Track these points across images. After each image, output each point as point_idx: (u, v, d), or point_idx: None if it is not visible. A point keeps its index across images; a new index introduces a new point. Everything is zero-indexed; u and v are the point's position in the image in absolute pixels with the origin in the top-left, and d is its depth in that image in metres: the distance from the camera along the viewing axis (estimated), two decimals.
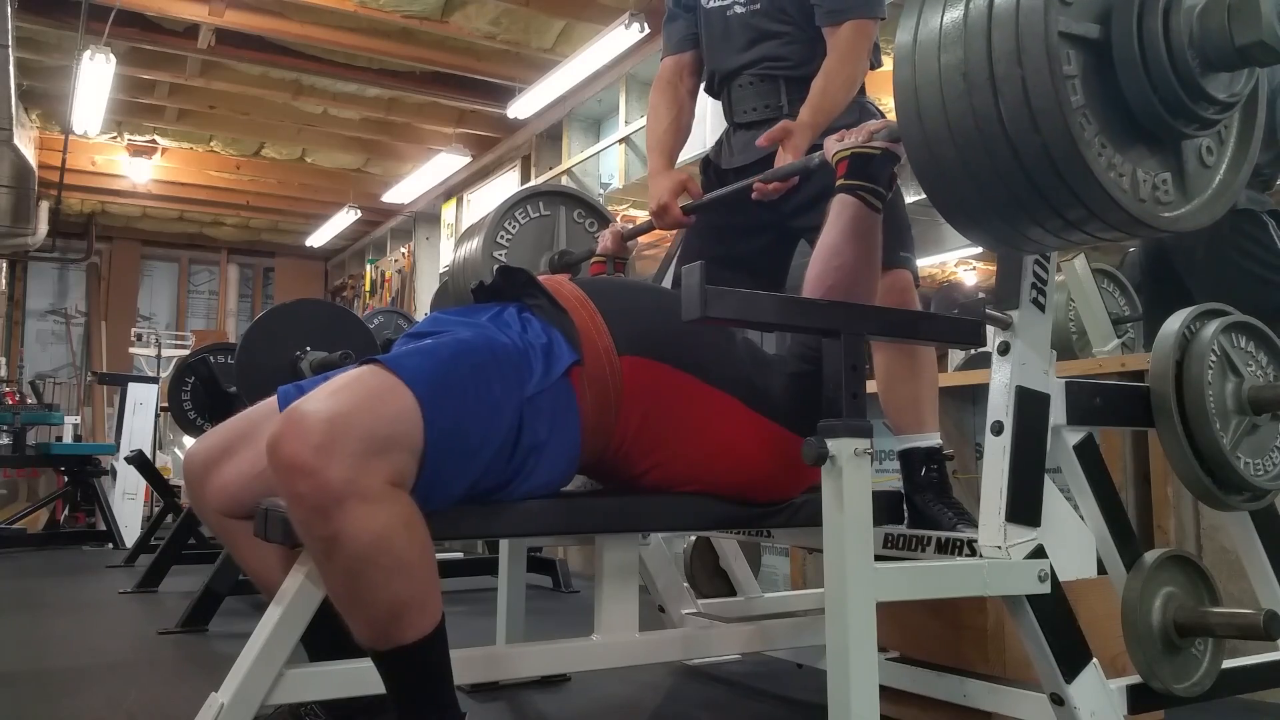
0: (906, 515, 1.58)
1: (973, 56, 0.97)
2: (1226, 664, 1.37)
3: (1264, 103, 1.13)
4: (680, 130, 1.98)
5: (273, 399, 1.29)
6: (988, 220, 1.07)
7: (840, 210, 1.35)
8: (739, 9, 1.84)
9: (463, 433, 1.14)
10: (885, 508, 1.51)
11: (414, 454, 1.09)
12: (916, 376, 1.65)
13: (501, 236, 2.15)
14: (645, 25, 4.97)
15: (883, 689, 1.11)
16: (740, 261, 1.82)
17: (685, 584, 2.06)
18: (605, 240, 1.97)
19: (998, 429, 1.29)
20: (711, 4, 1.88)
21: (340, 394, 1.07)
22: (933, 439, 1.64)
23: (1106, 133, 0.98)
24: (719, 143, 1.94)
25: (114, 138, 7.69)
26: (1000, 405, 1.29)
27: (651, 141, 1.97)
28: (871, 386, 2.27)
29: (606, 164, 6.34)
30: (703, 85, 1.98)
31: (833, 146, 1.38)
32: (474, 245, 2.14)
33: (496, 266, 1.76)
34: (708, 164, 1.94)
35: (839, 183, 1.36)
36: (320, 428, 1.02)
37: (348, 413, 1.04)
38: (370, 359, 1.15)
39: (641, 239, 2.01)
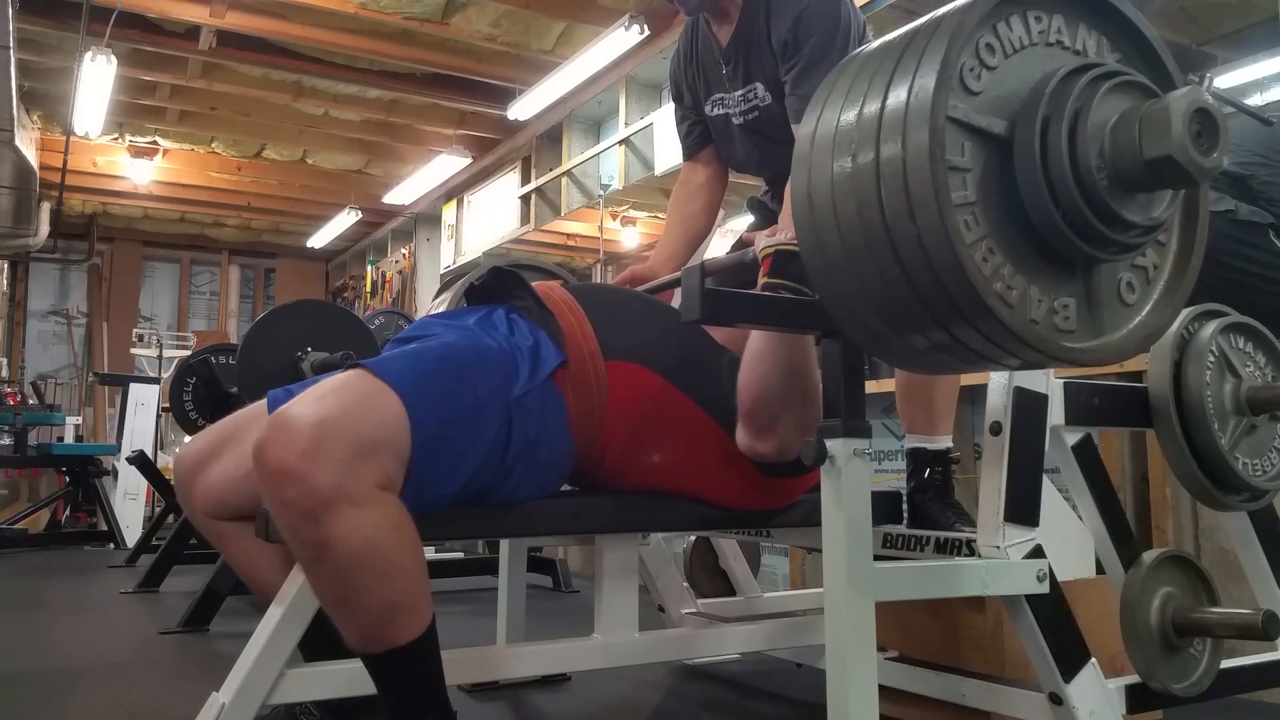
0: (906, 514, 1.59)
1: (862, 137, 0.89)
2: (1225, 664, 1.38)
3: (1202, 244, 1.02)
4: (686, 228, 1.97)
5: (262, 403, 1.29)
6: (871, 324, 0.97)
7: None
8: (736, 119, 1.82)
9: (449, 435, 1.14)
10: (884, 508, 1.51)
11: (401, 457, 1.09)
12: (936, 379, 1.64)
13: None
14: (645, 27, 4.98)
15: (882, 689, 1.11)
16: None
17: (685, 584, 2.06)
18: None
19: (996, 429, 1.29)
20: (715, 112, 1.87)
21: (326, 399, 1.07)
22: (944, 442, 1.65)
23: (999, 238, 0.88)
24: (766, 193, 1.96)
25: (115, 139, 7.70)
26: (999, 406, 1.30)
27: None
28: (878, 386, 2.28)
29: (606, 165, 6.34)
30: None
31: (761, 241, 1.32)
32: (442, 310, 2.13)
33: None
34: (760, 205, 1.95)
35: (762, 281, 1.28)
36: (306, 433, 1.02)
37: (334, 418, 1.04)
38: (356, 363, 1.15)
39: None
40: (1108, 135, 0.88)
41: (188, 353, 6.54)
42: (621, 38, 5.08)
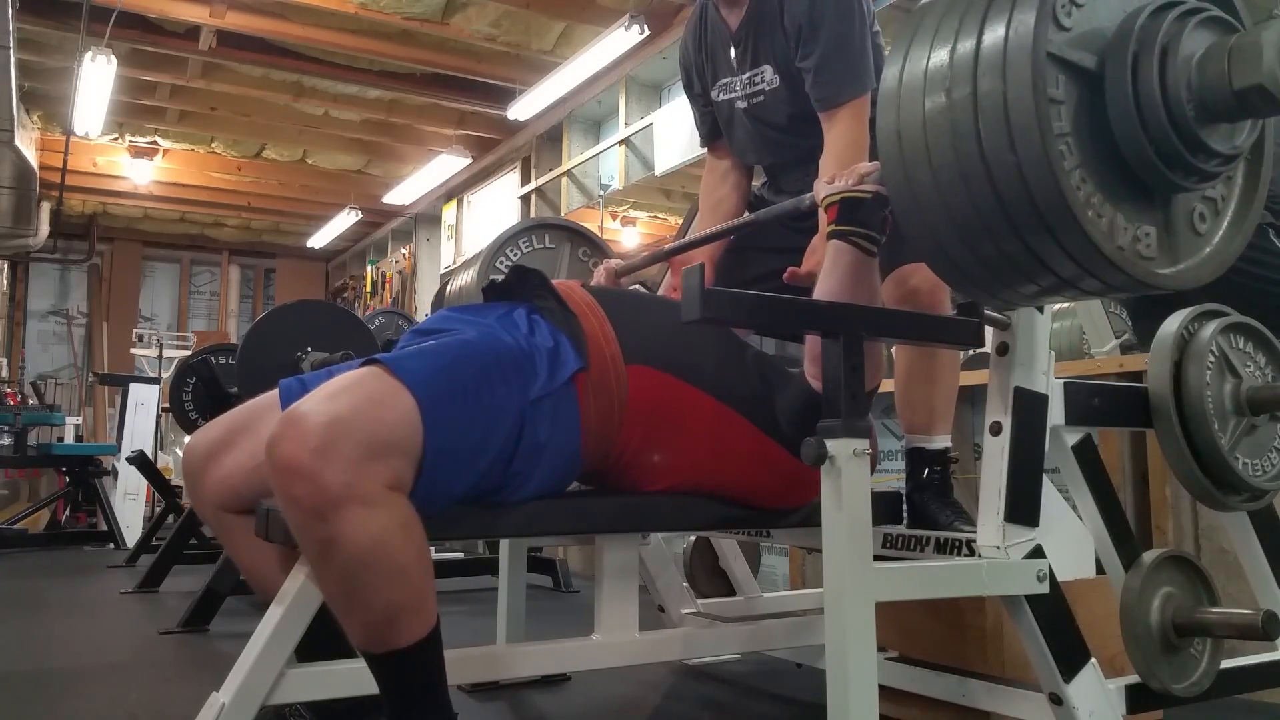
0: (905, 515, 1.59)
1: (958, 73, 0.93)
2: (1225, 664, 1.38)
3: (1268, 174, 1.07)
4: (717, 212, 1.95)
5: (274, 392, 1.29)
6: (961, 259, 1.00)
7: (836, 258, 1.30)
8: (740, 104, 1.82)
9: (462, 437, 1.14)
10: (884, 508, 1.51)
11: (412, 458, 1.09)
12: (934, 379, 1.64)
13: (501, 262, 2.16)
14: (645, 27, 4.98)
15: (882, 689, 1.12)
16: (770, 278, 1.83)
17: (685, 584, 2.06)
18: (599, 275, 1.92)
19: (996, 429, 1.29)
20: (720, 97, 1.87)
21: (340, 397, 1.07)
22: (942, 441, 1.64)
23: (1089, 169, 0.92)
24: (764, 186, 1.96)
25: (115, 139, 7.70)
26: (999, 406, 1.30)
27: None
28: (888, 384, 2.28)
29: (606, 165, 6.34)
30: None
31: (822, 190, 1.33)
32: (473, 272, 2.15)
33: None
34: (759, 200, 1.94)
35: (831, 229, 1.31)
36: (318, 431, 1.01)
37: (347, 416, 1.04)
38: (373, 359, 1.14)
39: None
40: (1194, 68, 0.93)
41: (188, 353, 6.55)
42: (621, 38, 5.08)
